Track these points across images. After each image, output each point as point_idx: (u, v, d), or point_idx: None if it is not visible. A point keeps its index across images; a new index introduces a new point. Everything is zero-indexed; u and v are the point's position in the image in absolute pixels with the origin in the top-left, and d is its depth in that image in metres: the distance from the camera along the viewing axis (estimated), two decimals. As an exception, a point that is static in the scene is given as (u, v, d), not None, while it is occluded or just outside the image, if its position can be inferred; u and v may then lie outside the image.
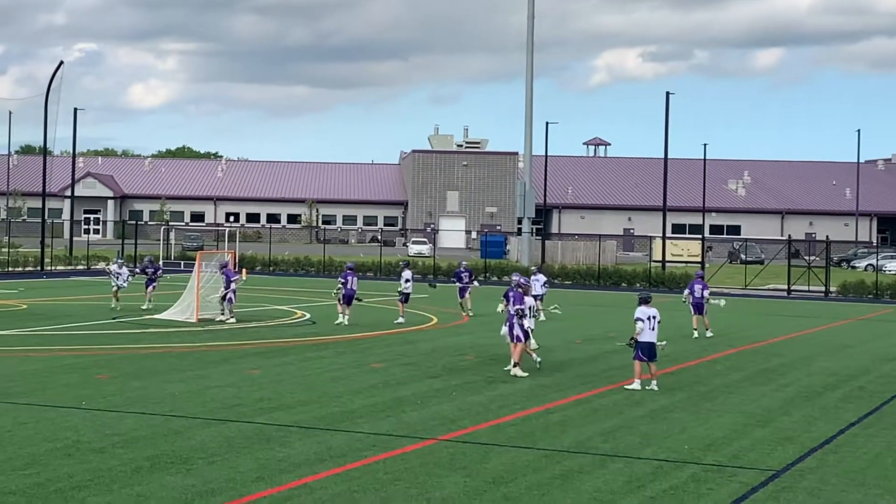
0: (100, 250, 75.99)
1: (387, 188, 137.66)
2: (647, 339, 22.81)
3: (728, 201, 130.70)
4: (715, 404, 21.25)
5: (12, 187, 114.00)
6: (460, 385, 22.72)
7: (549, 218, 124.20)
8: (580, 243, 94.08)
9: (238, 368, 24.14)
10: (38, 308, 38.89)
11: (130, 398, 19.78)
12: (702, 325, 34.60)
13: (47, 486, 13.31)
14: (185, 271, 52.63)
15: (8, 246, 72.34)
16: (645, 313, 22.86)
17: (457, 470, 14.87)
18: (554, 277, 67.72)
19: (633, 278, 66.83)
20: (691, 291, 34.93)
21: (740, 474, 15.20)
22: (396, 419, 18.52)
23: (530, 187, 78.01)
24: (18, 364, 23.95)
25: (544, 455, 16.04)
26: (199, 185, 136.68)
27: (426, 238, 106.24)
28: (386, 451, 15.90)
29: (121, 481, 13.63)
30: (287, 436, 16.81)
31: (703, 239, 74.93)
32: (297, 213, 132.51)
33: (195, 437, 16.49)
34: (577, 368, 25.93)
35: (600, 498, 13.57)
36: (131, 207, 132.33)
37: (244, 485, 13.67)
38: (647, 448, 16.77)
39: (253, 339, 30.11)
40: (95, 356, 25.64)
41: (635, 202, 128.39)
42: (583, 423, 18.85)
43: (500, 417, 19.08)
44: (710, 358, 29.11)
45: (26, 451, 15.17)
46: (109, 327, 32.00)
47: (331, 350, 28.12)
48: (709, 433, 18.19)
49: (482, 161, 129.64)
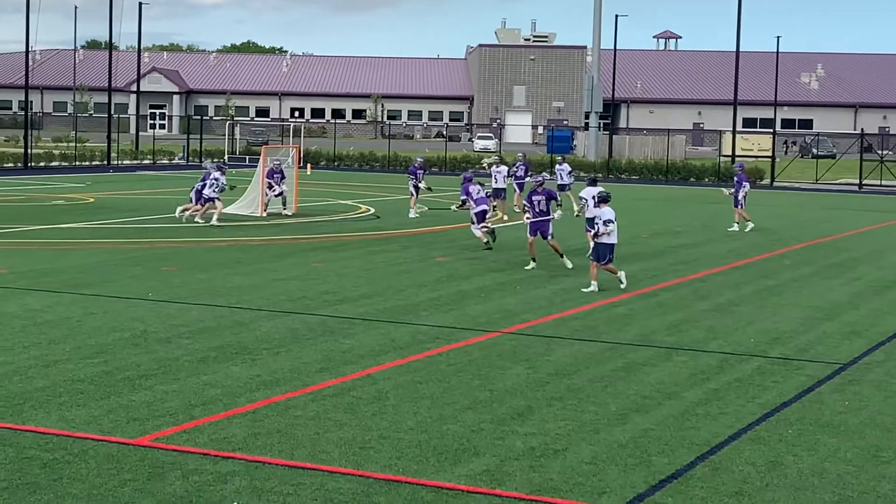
0: (165, 145, 76.47)
1: (453, 83, 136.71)
2: (602, 240, 20.95)
3: (800, 95, 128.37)
4: (783, 298, 20.99)
5: (79, 82, 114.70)
6: (524, 279, 22.63)
7: (618, 113, 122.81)
8: (648, 138, 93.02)
9: (303, 262, 24.22)
10: (105, 202, 39.28)
11: (196, 290, 19.92)
12: (742, 218, 34.16)
13: (115, 374, 13.46)
14: (250, 166, 52.78)
15: (75, 140, 72.96)
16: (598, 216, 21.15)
17: (519, 362, 14.83)
18: (621, 172, 67.16)
19: (701, 173, 66.04)
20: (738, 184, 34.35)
21: (807, 367, 15.02)
22: (460, 312, 18.49)
23: (598, 82, 77.02)
24: (86, 256, 24.20)
25: (608, 348, 15.94)
26: (264, 81, 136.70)
27: (492, 133, 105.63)
28: (449, 344, 15.89)
29: (187, 370, 13.76)
30: (351, 328, 16.85)
31: (774, 133, 73.67)
32: (362, 109, 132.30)
33: (260, 328, 16.58)
34: (643, 262, 25.71)
35: (664, 390, 13.47)
36: (196, 102, 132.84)
37: (308, 375, 13.74)
38: (712, 341, 16.61)
39: (317, 234, 30.18)
40: (161, 249, 25.86)
41: (705, 96, 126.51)
42: (648, 316, 18.70)
43: (563, 311, 18.99)
44: (779, 252, 28.73)
45: (95, 340, 15.35)
46: (175, 221, 32.23)
47: (395, 244, 28.12)
48: (776, 327, 17.97)
49: (549, 55, 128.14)
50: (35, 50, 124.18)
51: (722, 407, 12.76)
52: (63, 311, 17.42)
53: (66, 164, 64.32)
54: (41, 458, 10.18)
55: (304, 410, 12.08)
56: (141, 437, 10.91)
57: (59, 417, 11.53)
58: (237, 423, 11.49)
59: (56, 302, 18.27)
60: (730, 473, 10.34)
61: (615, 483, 9.97)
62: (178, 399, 12.38)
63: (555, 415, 12.22)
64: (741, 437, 11.56)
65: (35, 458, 10.20)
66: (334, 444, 10.89)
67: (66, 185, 48.69)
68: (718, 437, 11.52)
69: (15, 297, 18.58)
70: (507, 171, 37.19)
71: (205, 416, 11.71)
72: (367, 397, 12.72)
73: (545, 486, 9.84)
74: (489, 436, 11.34)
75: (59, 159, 64.92)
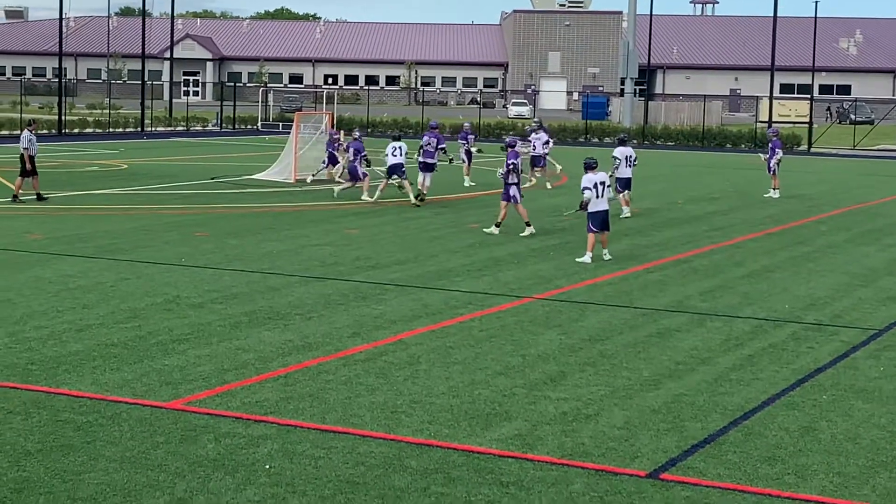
0: (198, 112, 76.62)
1: (487, 49, 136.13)
2: (597, 208, 20.26)
3: (838, 60, 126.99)
4: (818, 264, 20.82)
5: (112, 49, 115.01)
6: (557, 245, 22.55)
7: (653, 78, 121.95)
8: (684, 104, 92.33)
9: (335, 228, 24.22)
10: (139, 168, 39.42)
11: (228, 256, 19.97)
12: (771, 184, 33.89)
13: (148, 338, 13.51)
14: (283, 133, 52.84)
15: (109, 107, 73.23)
16: (591, 180, 20.21)
17: (552, 327, 14.79)
18: (656, 139, 66.76)
19: (738, 139, 65.58)
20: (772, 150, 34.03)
21: (841, 333, 14.89)
22: (492, 278, 18.45)
23: (634, 47, 76.43)
24: (120, 222, 24.30)
25: (641, 314, 15.86)
26: (298, 47, 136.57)
27: (526, 100, 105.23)
28: (481, 309, 15.86)
29: (219, 335, 13.80)
30: (383, 293, 16.84)
31: (812, 99, 72.98)
32: (395, 75, 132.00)
33: (292, 294, 16.60)
34: (678, 229, 25.57)
35: (697, 356, 13.39)
36: (230, 69, 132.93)
37: (340, 340, 13.74)
38: (746, 307, 16.50)
39: (350, 200, 30.16)
40: (194, 215, 25.93)
41: (742, 62, 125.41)
42: (682, 282, 18.60)
43: (596, 277, 18.90)
44: (815, 218, 28.50)
45: (128, 304, 15.42)
46: (208, 187, 32.29)
47: (428, 210, 28.07)
48: (810, 293, 17.83)
49: (585, 21, 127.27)
50: (69, 17, 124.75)
51: (756, 373, 12.68)
52: (97, 277, 17.51)
53: (100, 131, 64.59)
54: (75, 421, 10.24)
55: (335, 375, 12.09)
56: (174, 401, 10.95)
57: (93, 381, 11.60)
58: (269, 388, 11.52)
59: (90, 267, 18.37)
60: (763, 438, 10.28)
61: (647, 448, 9.92)
62: (210, 363, 12.43)
63: (587, 380, 12.18)
64: (775, 402, 11.49)
65: (69, 420, 10.26)
66: (366, 408, 10.90)
67: (99, 151, 48.91)
68: (752, 402, 11.45)
69: (49, 263, 18.69)
70: (546, 138, 35.46)
71: (237, 381, 11.75)
72: (398, 362, 12.72)
73: (577, 450, 9.81)
74: (521, 401, 11.31)
75: (92, 126, 65.18)
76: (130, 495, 8.51)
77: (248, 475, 8.99)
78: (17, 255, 19.39)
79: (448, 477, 9.08)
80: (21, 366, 12.12)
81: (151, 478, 8.88)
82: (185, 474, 8.98)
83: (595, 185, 20.23)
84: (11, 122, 61.00)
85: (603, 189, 20.33)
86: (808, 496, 8.90)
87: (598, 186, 20.27)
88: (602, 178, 20.45)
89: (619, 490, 8.90)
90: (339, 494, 8.65)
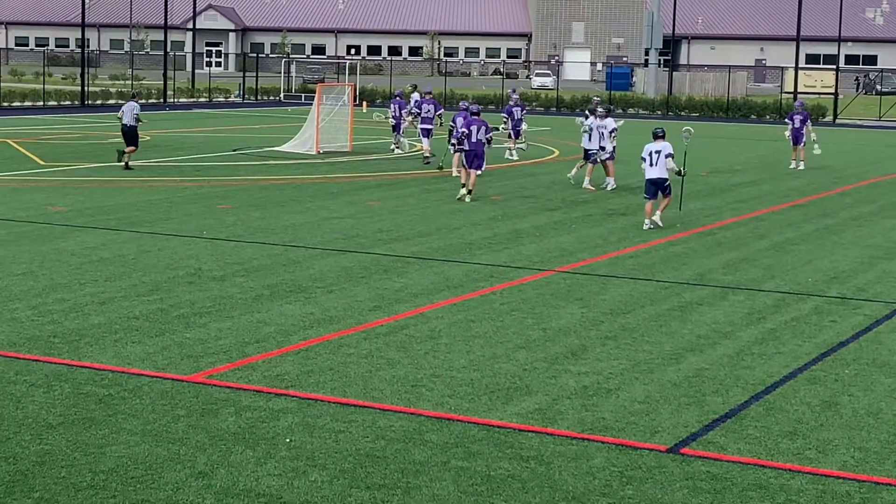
0: (221, 83, 76.64)
1: (510, 20, 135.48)
2: (649, 175, 20.96)
3: (865, 30, 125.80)
4: (842, 237, 20.69)
5: (135, 20, 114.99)
6: (580, 217, 22.48)
7: (678, 49, 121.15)
8: (709, 74, 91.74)
9: (357, 200, 24.21)
10: (161, 139, 39.47)
11: (250, 228, 19.99)
12: (798, 156, 33.67)
13: (170, 311, 13.55)
14: (305, 104, 52.74)
15: (131, 78, 73.41)
16: (647, 149, 20.99)
17: (573, 301, 14.75)
18: (681, 110, 66.40)
19: (763, 110, 65.18)
20: (791, 122, 33.80)
21: (865, 307, 14.81)
22: (514, 251, 18.41)
23: (658, 17, 75.98)
24: (142, 194, 24.36)
25: (664, 287, 15.81)
26: (321, 18, 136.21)
27: (550, 70, 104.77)
28: (503, 282, 15.83)
29: (241, 308, 13.82)
30: (405, 266, 16.83)
31: (838, 69, 72.37)
32: (418, 46, 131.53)
33: (314, 266, 16.61)
34: (702, 201, 25.45)
35: (719, 329, 13.34)
36: (252, 40, 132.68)
37: (361, 313, 13.75)
38: (769, 280, 16.42)
39: (373, 172, 30.15)
40: (216, 187, 25.96)
41: (768, 32, 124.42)
42: (705, 255, 18.52)
43: (619, 250, 18.85)
44: (839, 191, 28.33)
45: (150, 277, 15.46)
46: (230, 159, 32.33)
47: (450, 183, 27.99)
48: (834, 266, 17.73)
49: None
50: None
51: (778, 346, 12.62)
52: (119, 249, 17.56)
53: (123, 102, 64.50)
54: (97, 394, 10.29)
55: (356, 348, 12.10)
56: (195, 374, 10.99)
57: (115, 354, 11.64)
58: (290, 361, 11.53)
59: (112, 239, 18.42)
60: (784, 413, 10.24)
61: (668, 422, 9.90)
62: (231, 336, 12.45)
63: (608, 354, 12.15)
64: (797, 376, 11.44)
65: (91, 393, 10.31)
66: (386, 381, 10.91)
67: (124, 123, 48.92)
68: (773, 376, 11.40)
69: (73, 235, 18.75)
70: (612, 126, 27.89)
71: (258, 354, 11.77)
72: (419, 336, 12.72)
73: (597, 424, 9.80)
74: (541, 375, 11.30)
75: (115, 97, 65.25)
76: (151, 468, 8.55)
77: (268, 448, 9.01)
78: (39, 228, 19.46)
79: (468, 451, 9.08)
80: (43, 338, 12.17)
81: (172, 451, 8.91)
82: (205, 447, 9.01)
83: (650, 153, 20.88)
84: (35, 94, 61.20)
85: (657, 158, 20.79)
86: (829, 471, 8.86)
87: (653, 155, 20.84)
88: (658, 146, 20.88)
89: (639, 465, 8.89)
90: (358, 468, 8.67)
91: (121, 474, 8.42)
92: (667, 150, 20.88)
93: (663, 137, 21.10)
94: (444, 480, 8.48)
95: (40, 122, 47.78)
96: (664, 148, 20.89)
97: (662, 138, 21.06)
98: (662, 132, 21.29)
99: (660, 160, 20.83)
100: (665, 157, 20.81)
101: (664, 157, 20.81)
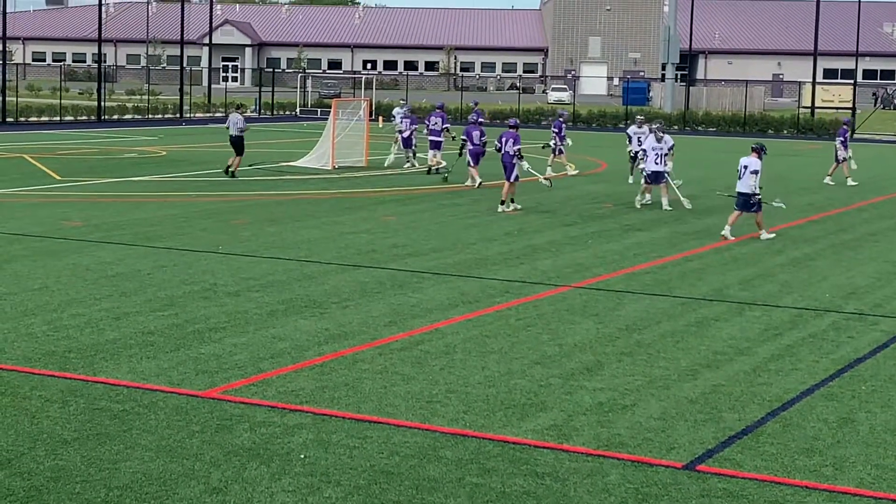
0: (237, 98, 76.74)
1: (527, 34, 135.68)
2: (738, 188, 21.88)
3: (883, 45, 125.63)
4: (859, 252, 20.60)
5: (151, 35, 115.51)
6: (596, 233, 22.44)
7: (695, 64, 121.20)
8: (727, 89, 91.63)
9: (373, 215, 24.22)
10: (177, 154, 39.57)
11: (265, 243, 20.00)
12: (840, 173, 33.58)
13: (185, 326, 13.55)
14: (321, 119, 52.80)
15: (148, 93, 73.63)
16: (740, 162, 21.89)
17: (589, 316, 14.71)
18: (697, 124, 66.31)
19: (780, 125, 65.03)
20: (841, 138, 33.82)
21: (882, 322, 14.73)
22: (530, 266, 18.38)
23: (675, 32, 75.97)
24: (158, 209, 24.41)
25: (680, 303, 15.75)
26: (337, 33, 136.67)
27: (566, 85, 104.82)
28: (518, 298, 15.80)
29: (256, 323, 13.82)
30: (420, 282, 16.81)
31: (855, 84, 72.22)
32: (434, 61, 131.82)
33: (329, 281, 16.60)
34: (718, 216, 25.35)
35: (736, 346, 13.28)
36: (269, 55, 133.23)
37: (376, 329, 13.73)
38: (786, 296, 16.35)
39: (388, 187, 30.17)
40: (232, 202, 26.00)
41: (785, 47, 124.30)
42: (721, 271, 18.46)
43: (635, 265, 18.80)
44: (857, 206, 28.22)
45: (165, 293, 15.47)
46: (246, 174, 32.38)
47: (466, 198, 28.01)
48: (851, 281, 17.65)
49: (626, 5, 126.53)
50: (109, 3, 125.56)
51: (794, 363, 12.56)
52: (134, 264, 17.58)
53: (139, 117, 64.95)
54: (111, 410, 10.29)
55: (371, 364, 12.08)
56: (210, 390, 10.98)
57: (130, 369, 11.64)
58: (305, 377, 11.52)
59: (127, 254, 18.45)
60: (801, 430, 10.17)
61: (684, 439, 9.85)
62: (246, 352, 12.44)
63: (624, 370, 12.11)
64: (813, 393, 11.37)
65: (105, 409, 10.31)
66: (401, 397, 10.88)
67: (138, 138, 49.16)
68: (790, 392, 11.34)
69: (88, 250, 18.79)
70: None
71: (273, 369, 11.75)
72: (434, 351, 12.69)
73: (613, 441, 9.75)
74: (557, 391, 11.26)
75: (132, 112, 65.57)
76: (166, 484, 8.53)
77: (283, 465, 8.99)
78: (55, 243, 19.51)
79: (483, 468, 9.05)
80: (59, 353, 12.18)
81: (187, 467, 8.90)
82: (220, 463, 8.99)
83: (741, 166, 21.67)
84: (51, 109, 61.46)
85: (744, 172, 21.58)
86: (846, 488, 8.80)
87: (741, 169, 21.66)
88: (746, 162, 21.62)
89: (655, 482, 8.84)
90: (373, 484, 8.64)
91: (135, 490, 8.41)
92: (752, 167, 21.56)
93: (758, 153, 21.70)
94: (459, 497, 8.45)
95: (57, 137, 47.97)
96: (751, 164, 21.59)
97: (757, 153, 21.69)
98: (759, 146, 21.92)
99: (746, 175, 21.59)
100: (750, 173, 21.53)
101: (749, 173, 21.54)
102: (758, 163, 21.63)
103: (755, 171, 21.54)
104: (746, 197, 21.65)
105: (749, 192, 21.59)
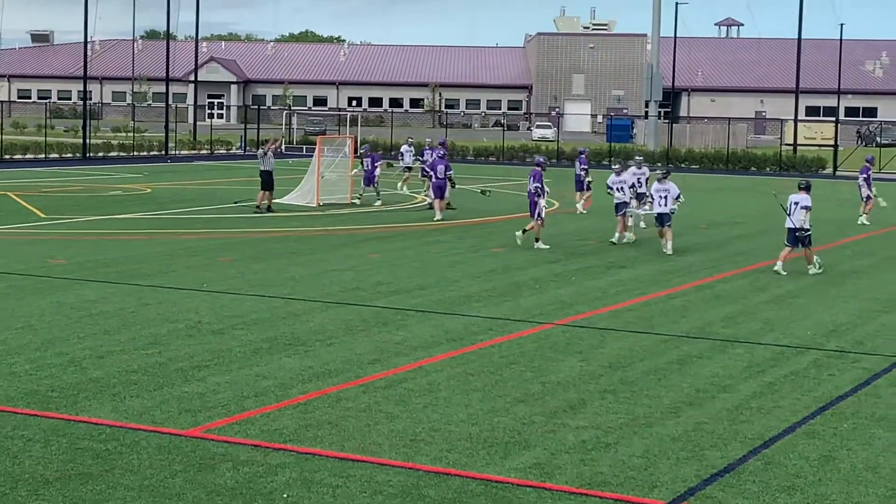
0: (223, 135, 76.93)
1: (511, 72, 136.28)
2: (787, 224, 22.48)
3: (865, 83, 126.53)
4: (841, 290, 20.70)
5: (137, 72, 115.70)
6: (580, 270, 22.51)
7: (678, 101, 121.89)
8: (709, 127, 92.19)
9: (357, 252, 24.25)
10: (162, 192, 39.58)
11: (250, 281, 20.01)
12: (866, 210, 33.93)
13: (169, 365, 13.54)
14: (306, 156, 52.91)
15: (133, 131, 73.66)
16: (789, 199, 22.47)
17: (572, 354, 14.75)
18: (681, 161, 66.62)
19: (763, 162, 65.39)
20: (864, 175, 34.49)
21: (863, 360, 14.80)
22: (513, 303, 18.43)
23: (658, 70, 76.46)
24: (143, 247, 24.40)
25: (662, 340, 15.81)
26: (322, 70, 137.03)
27: (550, 122, 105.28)
28: (502, 335, 15.83)
29: (240, 361, 13.82)
30: (404, 319, 16.84)
31: (837, 121, 72.72)
32: (419, 98, 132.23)
33: (313, 319, 16.62)
34: (701, 254, 25.49)
35: (718, 383, 13.33)
36: (254, 92, 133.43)
37: (360, 367, 13.74)
38: (768, 334, 16.42)
39: (373, 224, 30.22)
40: (217, 240, 26.01)
41: (767, 84, 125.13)
42: (704, 308, 18.53)
43: (618, 302, 18.86)
44: (840, 243, 28.37)
45: (149, 331, 15.47)
46: (231, 211, 32.41)
47: (450, 235, 28.08)
48: (833, 319, 17.74)
49: (609, 43, 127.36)
50: (94, 40, 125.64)
51: (776, 400, 12.61)
52: (118, 302, 17.57)
53: (125, 155, 64.93)
54: (94, 449, 10.27)
55: (355, 402, 12.08)
56: (193, 429, 10.97)
57: (113, 408, 11.63)
58: (288, 415, 11.52)
59: (112, 293, 18.44)
60: (783, 468, 10.21)
61: (666, 477, 9.87)
62: (230, 390, 12.44)
63: (607, 408, 12.14)
64: (795, 430, 11.42)
65: (88, 448, 10.29)
66: (385, 436, 10.89)
67: (123, 175, 49.17)
68: (772, 430, 11.38)
69: (72, 288, 18.77)
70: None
71: (256, 408, 11.75)
72: (418, 389, 12.71)
73: (595, 479, 9.77)
74: (540, 429, 11.28)
75: (117, 149, 65.54)
76: (148, 524, 8.51)
77: (265, 504, 8.98)
78: (39, 280, 19.49)
79: (465, 506, 9.05)
80: (42, 392, 12.16)
81: (169, 506, 8.88)
82: (202, 503, 8.98)
83: (791, 203, 22.33)
84: (37, 146, 61.44)
85: (794, 209, 22.23)
86: (828, 527, 8.83)
87: (791, 206, 22.30)
88: (797, 198, 22.30)
89: (637, 520, 8.85)
90: (355, 524, 8.63)
91: (117, 530, 8.39)
92: (803, 203, 22.17)
93: (807, 190, 22.34)
94: (442, 536, 8.44)
95: (42, 175, 47.95)
96: (801, 200, 22.20)
97: (806, 191, 22.30)
98: (806, 184, 22.56)
99: (797, 211, 22.12)
100: (801, 208, 22.13)
101: (800, 209, 22.12)
102: (808, 199, 22.27)
103: (805, 207, 22.17)
104: (795, 231, 22.21)
105: (799, 226, 22.11)
